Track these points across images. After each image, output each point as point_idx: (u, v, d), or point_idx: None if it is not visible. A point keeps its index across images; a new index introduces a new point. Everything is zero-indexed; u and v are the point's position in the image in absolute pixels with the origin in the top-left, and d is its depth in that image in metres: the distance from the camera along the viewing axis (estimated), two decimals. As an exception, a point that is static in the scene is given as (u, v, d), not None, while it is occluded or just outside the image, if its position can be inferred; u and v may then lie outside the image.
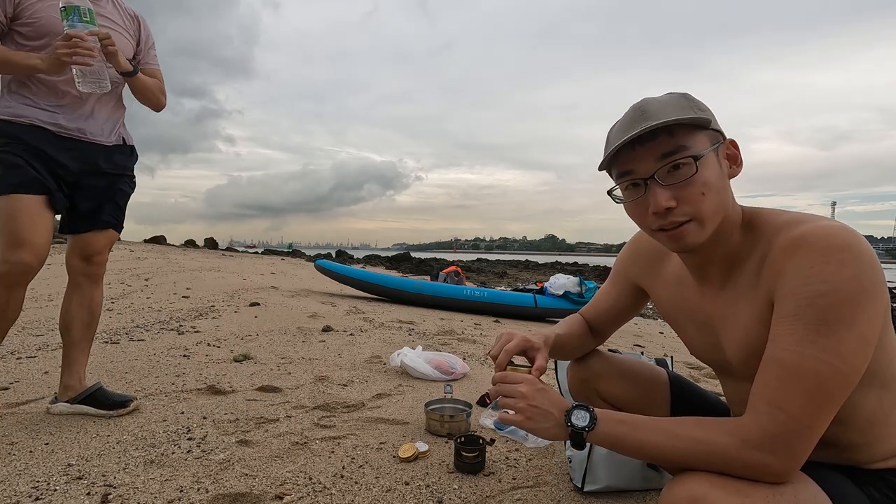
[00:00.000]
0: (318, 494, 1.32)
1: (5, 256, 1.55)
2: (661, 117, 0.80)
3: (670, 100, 0.84)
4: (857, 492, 0.82)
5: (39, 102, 1.63)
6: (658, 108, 0.82)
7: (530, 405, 0.90)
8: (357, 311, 5.04)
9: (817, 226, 0.76)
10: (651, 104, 0.84)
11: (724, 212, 0.83)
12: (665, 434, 0.80)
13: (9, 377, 2.19)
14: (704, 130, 0.81)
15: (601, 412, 0.86)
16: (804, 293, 0.73)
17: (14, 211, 1.55)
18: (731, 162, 0.84)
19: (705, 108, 0.83)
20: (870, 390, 0.81)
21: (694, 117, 0.80)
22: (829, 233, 0.74)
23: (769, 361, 0.76)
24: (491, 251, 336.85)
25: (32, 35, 1.59)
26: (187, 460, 1.48)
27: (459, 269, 7.39)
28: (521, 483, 1.44)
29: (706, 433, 0.77)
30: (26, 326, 3.30)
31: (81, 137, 1.70)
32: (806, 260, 0.74)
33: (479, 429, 1.86)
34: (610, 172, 0.90)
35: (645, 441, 0.81)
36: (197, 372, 2.43)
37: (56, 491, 1.27)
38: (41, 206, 1.60)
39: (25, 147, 1.59)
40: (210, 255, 16.48)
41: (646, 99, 0.86)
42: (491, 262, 27.56)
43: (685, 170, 0.80)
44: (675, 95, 0.85)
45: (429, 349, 3.14)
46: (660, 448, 0.80)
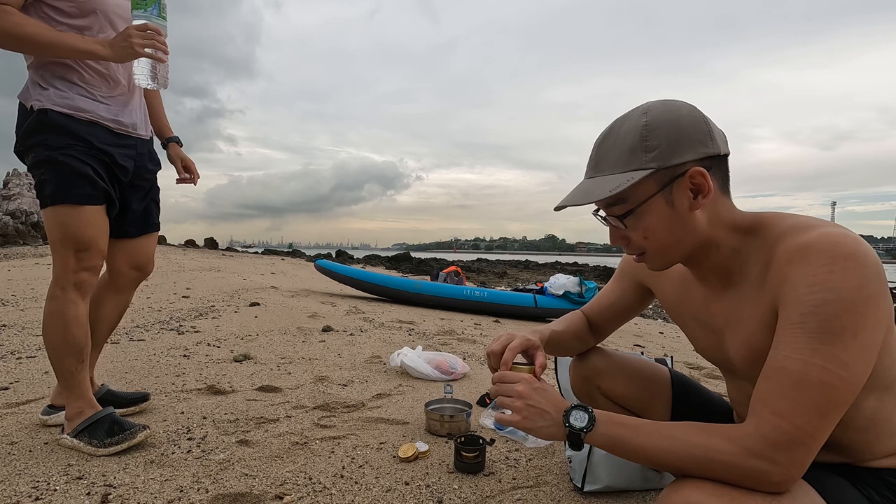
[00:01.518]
0: (318, 494, 1.32)
1: (79, 265, 1.50)
2: (606, 168, 0.84)
3: (624, 139, 0.83)
4: (857, 494, 0.82)
5: (94, 93, 1.51)
6: (607, 152, 0.84)
7: (528, 405, 0.90)
8: (357, 311, 5.04)
9: (821, 233, 0.75)
10: (604, 147, 0.85)
11: (686, 240, 0.85)
12: (665, 438, 0.79)
13: (9, 377, 2.19)
14: (660, 172, 0.80)
15: (600, 413, 0.85)
16: (808, 301, 0.72)
17: (83, 223, 1.48)
18: (696, 192, 0.81)
19: (661, 144, 0.80)
20: (871, 393, 0.81)
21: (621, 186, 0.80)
22: (833, 241, 0.73)
23: (772, 369, 0.75)
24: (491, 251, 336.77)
25: (74, 12, 1.44)
26: (187, 460, 1.48)
27: (459, 269, 7.38)
28: (521, 483, 1.44)
29: (707, 438, 0.76)
30: (26, 326, 3.29)
31: (133, 133, 1.62)
32: (810, 268, 0.73)
33: (479, 429, 1.86)
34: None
35: (644, 444, 0.80)
36: (197, 372, 2.43)
37: (56, 491, 1.27)
38: (103, 214, 1.55)
39: (91, 150, 1.49)
40: (210, 254, 16.48)
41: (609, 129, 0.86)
42: (491, 262, 27.56)
43: (626, 219, 0.85)
44: (632, 132, 0.82)
45: (429, 349, 3.14)
46: (659, 452, 0.79)
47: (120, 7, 1.53)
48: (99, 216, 1.53)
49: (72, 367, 1.53)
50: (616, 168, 0.83)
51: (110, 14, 1.51)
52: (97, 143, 1.51)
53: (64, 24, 1.44)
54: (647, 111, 0.82)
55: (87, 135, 1.48)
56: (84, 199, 1.48)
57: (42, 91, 1.45)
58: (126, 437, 1.49)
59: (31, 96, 1.46)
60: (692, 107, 0.83)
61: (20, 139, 1.49)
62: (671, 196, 0.81)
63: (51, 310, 1.52)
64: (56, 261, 1.51)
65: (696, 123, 0.81)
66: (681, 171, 0.80)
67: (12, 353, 2.60)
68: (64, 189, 1.46)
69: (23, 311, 3.90)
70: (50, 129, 1.45)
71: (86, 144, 1.49)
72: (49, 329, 1.52)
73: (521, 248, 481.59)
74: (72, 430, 1.51)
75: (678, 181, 0.81)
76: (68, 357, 1.52)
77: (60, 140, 1.45)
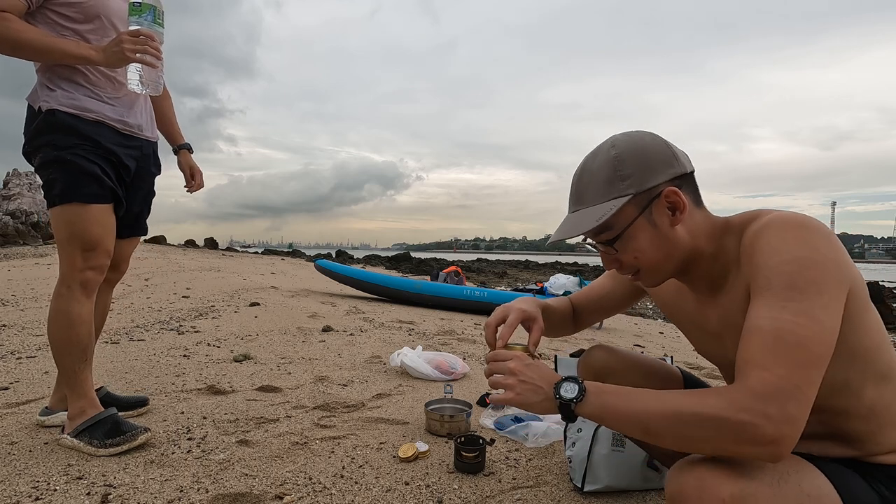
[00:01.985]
0: (318, 494, 1.32)
1: (85, 264, 1.51)
2: (588, 200, 0.91)
3: (599, 172, 0.90)
4: (865, 485, 0.84)
5: (100, 94, 1.52)
6: (586, 186, 0.91)
7: (520, 381, 0.91)
8: (357, 311, 5.04)
9: (776, 214, 0.84)
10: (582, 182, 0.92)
11: (675, 254, 0.91)
12: (654, 399, 0.80)
13: (9, 377, 2.19)
14: (638, 196, 0.87)
15: (591, 384, 0.86)
16: (770, 265, 0.79)
17: (90, 221, 1.50)
18: (673, 209, 0.88)
19: (634, 172, 0.87)
20: (867, 380, 0.84)
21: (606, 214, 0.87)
22: (786, 217, 0.82)
23: (748, 331, 0.78)
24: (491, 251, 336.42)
25: (80, 17, 1.47)
26: (187, 460, 1.48)
27: (459, 269, 7.38)
28: (521, 483, 1.44)
29: (696, 397, 0.77)
30: (26, 326, 3.29)
31: (139, 134, 1.64)
32: (768, 240, 0.81)
33: (479, 429, 1.86)
34: None
35: (635, 408, 0.80)
36: (197, 372, 2.43)
37: (56, 491, 1.27)
38: (110, 212, 1.56)
39: (98, 150, 1.50)
40: (210, 254, 16.48)
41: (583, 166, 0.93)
42: (491, 262, 27.55)
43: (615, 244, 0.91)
44: (605, 165, 0.89)
45: (429, 349, 3.14)
46: (649, 415, 0.79)
47: (123, 12, 1.54)
48: (106, 215, 1.54)
49: (75, 366, 1.54)
50: (597, 199, 0.89)
51: (113, 19, 1.53)
52: (104, 142, 1.52)
53: (69, 30, 1.47)
54: (614, 144, 0.90)
55: (94, 134, 1.50)
56: (92, 197, 1.50)
57: (49, 92, 1.47)
58: (127, 438, 1.49)
59: (38, 98, 1.48)
60: (653, 134, 0.91)
61: (28, 140, 1.51)
62: (652, 217, 0.88)
63: (56, 308, 1.53)
64: (63, 259, 1.52)
65: (660, 148, 0.89)
66: (656, 193, 0.88)
67: (12, 353, 2.60)
68: (72, 188, 1.47)
69: (23, 311, 3.90)
70: (58, 129, 1.46)
71: (93, 144, 1.50)
72: (54, 327, 1.53)
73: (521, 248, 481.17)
74: (72, 430, 1.51)
75: (655, 202, 0.88)
76: (72, 355, 1.53)
77: (68, 140, 1.46)
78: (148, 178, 1.73)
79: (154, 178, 1.77)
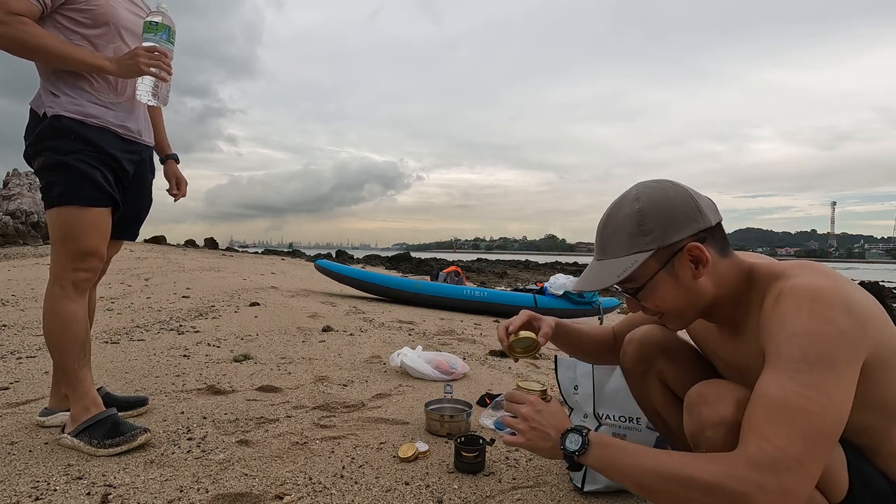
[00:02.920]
0: (318, 494, 1.32)
1: (79, 265, 1.54)
2: (611, 252, 0.93)
3: (623, 226, 0.92)
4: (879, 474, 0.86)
5: (103, 99, 1.57)
6: (609, 239, 0.94)
7: (531, 427, 0.96)
8: (357, 311, 5.04)
9: (795, 283, 0.84)
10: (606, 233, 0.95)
11: (698, 302, 0.93)
12: (652, 458, 0.82)
13: (9, 377, 2.19)
14: (661, 251, 0.89)
15: (595, 436, 0.89)
16: (783, 336, 0.80)
17: (88, 223, 1.53)
18: (696, 263, 0.90)
19: (656, 227, 0.89)
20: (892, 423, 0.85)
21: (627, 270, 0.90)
22: (804, 286, 0.82)
23: (755, 397, 0.79)
24: (491, 251, 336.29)
25: (88, 23, 1.51)
26: (187, 460, 1.48)
27: (459, 269, 7.38)
28: (521, 483, 1.44)
29: (692, 460, 0.78)
30: (26, 326, 3.29)
31: (138, 139, 1.68)
32: (785, 309, 0.82)
33: (480, 429, 1.86)
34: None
35: (632, 465, 0.83)
36: (197, 372, 2.43)
37: (56, 491, 1.27)
38: (107, 216, 1.59)
39: (100, 155, 1.54)
40: (210, 254, 16.48)
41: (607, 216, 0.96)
42: (491, 262, 27.55)
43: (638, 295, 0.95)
44: (629, 219, 0.91)
45: (429, 349, 3.14)
46: (644, 472, 0.81)
47: (131, 22, 1.60)
48: (103, 218, 1.57)
49: (74, 364, 1.55)
50: (620, 252, 0.92)
51: (121, 27, 1.57)
52: (107, 147, 1.55)
53: (78, 34, 1.50)
54: (638, 197, 0.92)
55: (97, 140, 1.53)
56: (90, 200, 1.52)
57: (54, 98, 1.50)
58: (126, 439, 1.49)
59: (43, 103, 1.51)
60: (678, 186, 0.92)
61: (31, 144, 1.54)
62: (674, 270, 0.90)
63: (50, 307, 1.54)
64: (55, 260, 1.54)
65: (684, 202, 0.90)
66: (679, 248, 0.89)
67: (12, 353, 2.60)
68: (72, 191, 1.50)
69: (23, 311, 3.90)
70: (62, 134, 1.49)
71: (96, 149, 1.53)
72: (49, 327, 1.54)
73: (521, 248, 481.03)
74: (73, 430, 1.51)
75: (678, 256, 0.90)
76: (70, 353, 1.55)
77: (72, 145, 1.50)
78: (145, 183, 1.76)
79: (150, 183, 1.80)
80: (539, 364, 3.20)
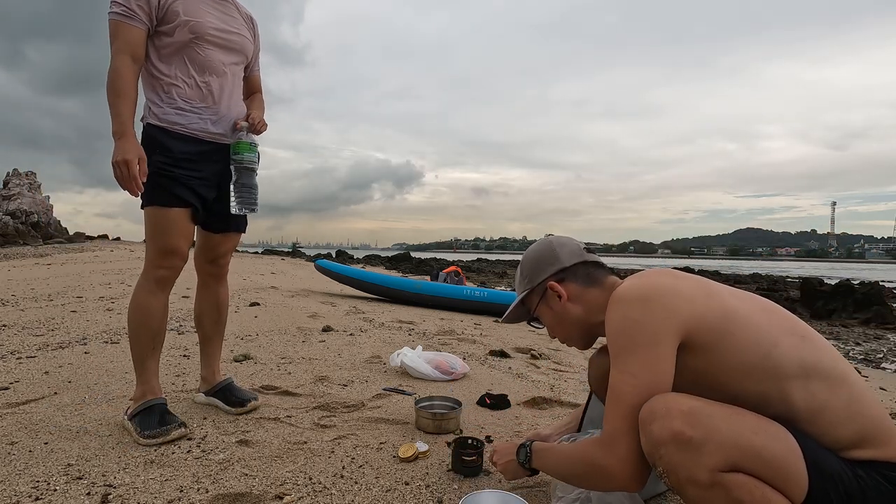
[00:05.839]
0: (318, 494, 1.32)
1: (161, 262, 1.69)
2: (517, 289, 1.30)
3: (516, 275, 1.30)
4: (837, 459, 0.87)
5: (189, 105, 1.69)
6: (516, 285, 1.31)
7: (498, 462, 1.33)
8: (357, 311, 5.04)
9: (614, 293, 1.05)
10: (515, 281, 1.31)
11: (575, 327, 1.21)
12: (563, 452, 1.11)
13: (9, 377, 2.19)
14: (534, 290, 1.24)
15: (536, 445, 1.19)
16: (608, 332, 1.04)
17: (168, 223, 1.66)
18: (559, 296, 1.18)
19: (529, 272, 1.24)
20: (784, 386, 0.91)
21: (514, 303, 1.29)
22: (616, 294, 1.04)
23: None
24: (491, 251, 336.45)
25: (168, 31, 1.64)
26: (187, 460, 1.48)
27: (459, 269, 7.38)
28: (521, 483, 1.44)
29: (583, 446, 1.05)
30: (26, 326, 3.30)
31: (220, 140, 1.76)
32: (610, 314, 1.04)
33: (479, 429, 1.86)
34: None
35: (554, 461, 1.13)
36: (197, 372, 2.42)
37: (56, 491, 1.27)
38: (188, 217, 1.71)
39: (180, 158, 1.66)
40: (210, 255, 16.47)
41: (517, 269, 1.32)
42: (491, 262, 27.55)
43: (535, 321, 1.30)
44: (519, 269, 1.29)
45: (429, 349, 3.14)
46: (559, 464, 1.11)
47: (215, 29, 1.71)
48: (182, 219, 1.69)
49: (143, 353, 1.71)
50: (517, 293, 1.29)
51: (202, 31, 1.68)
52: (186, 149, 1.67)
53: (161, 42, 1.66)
54: (525, 251, 1.29)
55: (178, 145, 1.66)
56: (171, 201, 1.66)
57: (147, 107, 1.69)
58: (162, 432, 1.59)
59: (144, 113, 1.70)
60: (547, 241, 1.25)
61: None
62: (547, 302, 1.22)
63: (134, 298, 1.72)
64: (146, 255, 1.71)
65: (546, 252, 1.23)
66: (545, 286, 1.21)
67: (12, 353, 2.60)
68: (155, 192, 1.64)
69: (23, 311, 3.90)
70: (146, 140, 1.66)
71: (175, 153, 1.66)
72: (129, 315, 1.72)
73: (521, 248, 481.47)
74: (129, 413, 1.68)
75: (547, 292, 1.21)
76: (141, 343, 1.71)
77: (154, 149, 1.63)
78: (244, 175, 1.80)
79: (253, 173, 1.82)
80: (539, 364, 3.20)
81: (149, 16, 1.60)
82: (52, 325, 3.36)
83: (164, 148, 1.65)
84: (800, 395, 0.90)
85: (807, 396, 0.90)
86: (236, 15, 1.81)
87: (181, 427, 1.63)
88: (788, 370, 0.91)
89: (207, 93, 1.72)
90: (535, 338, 4.24)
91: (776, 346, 0.93)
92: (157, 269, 1.69)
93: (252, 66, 1.94)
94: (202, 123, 1.71)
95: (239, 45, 1.79)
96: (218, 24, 1.73)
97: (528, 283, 1.24)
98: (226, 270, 1.99)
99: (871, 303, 8.95)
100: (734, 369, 0.94)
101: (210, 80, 1.72)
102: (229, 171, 1.76)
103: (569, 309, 1.18)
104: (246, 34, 1.84)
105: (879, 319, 8.23)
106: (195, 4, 1.67)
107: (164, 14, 1.62)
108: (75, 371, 2.35)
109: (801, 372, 0.91)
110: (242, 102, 1.89)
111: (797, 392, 0.91)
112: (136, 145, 1.56)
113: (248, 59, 1.87)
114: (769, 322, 0.97)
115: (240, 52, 1.81)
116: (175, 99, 1.67)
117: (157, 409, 1.66)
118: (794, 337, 0.95)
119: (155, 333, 1.72)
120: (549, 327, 1.25)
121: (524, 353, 3.52)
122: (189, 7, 1.65)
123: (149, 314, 1.70)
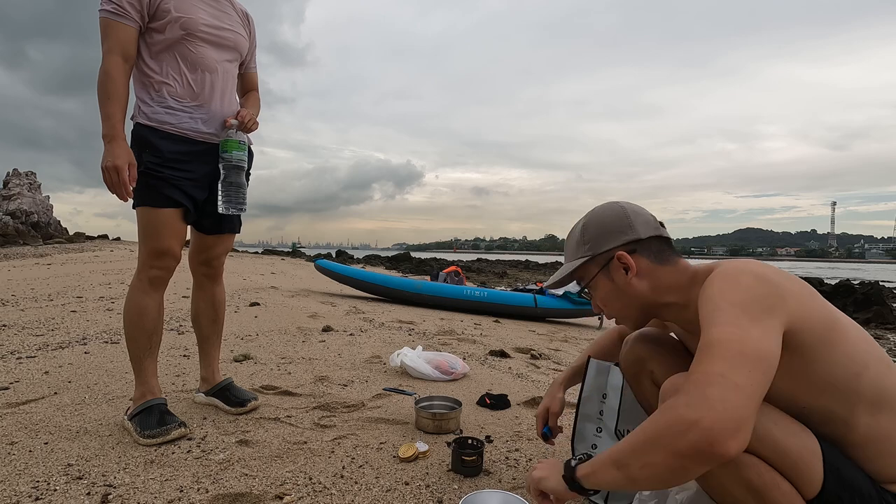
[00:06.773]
0: (318, 494, 1.32)
1: (154, 262, 1.68)
2: (567, 256, 1.16)
3: (573, 236, 1.14)
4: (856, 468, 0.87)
5: (180, 104, 1.66)
6: (566, 246, 1.17)
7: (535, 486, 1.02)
8: (357, 311, 5.04)
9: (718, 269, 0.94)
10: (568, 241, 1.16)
11: (633, 303, 1.08)
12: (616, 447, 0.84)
13: (9, 377, 2.19)
14: (592, 259, 1.09)
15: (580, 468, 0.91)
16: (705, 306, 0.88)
17: (159, 223, 1.65)
18: (626, 269, 1.05)
19: (591, 238, 1.08)
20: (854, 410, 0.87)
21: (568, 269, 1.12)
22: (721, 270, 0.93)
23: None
24: (491, 251, 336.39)
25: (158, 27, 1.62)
26: (187, 460, 1.48)
27: (459, 269, 7.38)
28: (521, 483, 1.44)
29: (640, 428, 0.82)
30: (26, 326, 3.30)
31: (211, 140, 1.73)
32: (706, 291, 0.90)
33: (480, 429, 1.86)
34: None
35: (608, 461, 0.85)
36: (196, 372, 2.42)
37: (56, 491, 1.27)
38: (179, 217, 1.70)
39: (170, 158, 1.64)
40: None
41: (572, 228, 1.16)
42: (491, 262, 27.54)
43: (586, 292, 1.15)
44: (578, 230, 1.12)
45: (429, 349, 3.14)
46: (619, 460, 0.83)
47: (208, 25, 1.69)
48: (173, 219, 1.68)
49: (140, 353, 1.70)
50: (570, 257, 1.14)
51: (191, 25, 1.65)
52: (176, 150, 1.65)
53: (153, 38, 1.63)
54: (587, 214, 1.13)
55: (168, 145, 1.64)
56: (162, 202, 1.64)
57: (137, 106, 1.67)
58: (162, 432, 1.59)
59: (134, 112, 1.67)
60: (618, 206, 1.09)
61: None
62: (609, 274, 1.08)
63: (128, 298, 1.71)
64: (139, 255, 1.70)
65: (617, 219, 1.07)
66: (610, 256, 1.07)
67: (12, 353, 2.60)
68: (145, 193, 1.63)
69: (23, 311, 3.90)
70: (135, 139, 1.64)
71: (165, 153, 1.63)
72: (124, 316, 1.71)
73: (521, 248, 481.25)
74: (129, 413, 1.68)
75: (612, 263, 1.07)
76: (138, 343, 1.70)
77: (144, 149, 1.62)
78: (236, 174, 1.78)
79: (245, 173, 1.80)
80: (539, 364, 3.20)
81: (140, 13, 1.58)
82: (52, 325, 3.36)
83: (153, 148, 1.62)
84: (865, 421, 0.88)
85: (871, 424, 0.88)
86: (230, 11, 1.78)
87: (181, 427, 1.63)
88: (867, 396, 0.88)
89: (199, 91, 1.69)
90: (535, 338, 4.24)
91: (867, 369, 0.88)
92: (150, 270, 1.68)
93: (248, 64, 1.91)
94: (193, 123, 1.68)
95: (232, 42, 1.76)
96: (210, 20, 1.70)
97: (589, 250, 1.08)
98: (221, 271, 1.98)
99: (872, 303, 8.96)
100: (817, 381, 0.88)
101: (202, 78, 1.69)
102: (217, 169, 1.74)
103: (634, 285, 1.05)
104: (240, 31, 1.81)
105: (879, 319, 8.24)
106: (187, 0, 1.65)
107: (155, 11, 1.60)
108: (75, 371, 2.35)
109: (876, 400, 0.88)
110: (237, 100, 1.86)
111: (863, 418, 0.88)
112: (127, 150, 1.55)
113: (242, 57, 1.84)
114: (866, 342, 0.91)
115: (233, 49, 1.78)
116: (165, 98, 1.64)
117: (156, 409, 1.66)
118: (882, 364, 0.90)
119: (151, 333, 1.71)
120: (602, 300, 1.11)
121: (524, 353, 3.52)
122: (181, 3, 1.63)
123: (143, 314, 1.69)
